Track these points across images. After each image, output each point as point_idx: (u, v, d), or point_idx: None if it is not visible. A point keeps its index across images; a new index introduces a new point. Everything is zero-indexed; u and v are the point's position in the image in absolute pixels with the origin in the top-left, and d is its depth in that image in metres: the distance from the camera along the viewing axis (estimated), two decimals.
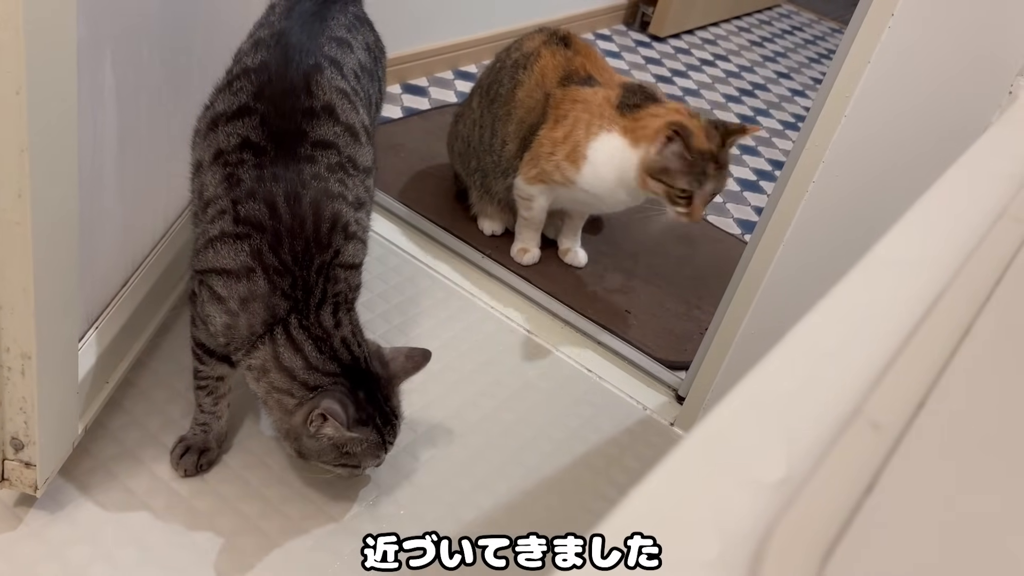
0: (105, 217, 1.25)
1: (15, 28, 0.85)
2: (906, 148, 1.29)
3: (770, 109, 3.16)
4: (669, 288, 2.00)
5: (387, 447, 1.23)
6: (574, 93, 1.77)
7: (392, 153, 2.20)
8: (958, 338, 0.60)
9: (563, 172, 1.75)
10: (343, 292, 1.18)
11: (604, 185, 1.73)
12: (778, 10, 4.27)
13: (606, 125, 1.71)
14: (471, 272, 1.92)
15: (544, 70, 1.82)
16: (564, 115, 1.76)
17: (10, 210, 0.94)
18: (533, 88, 1.81)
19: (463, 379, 1.63)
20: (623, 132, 1.70)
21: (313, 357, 1.14)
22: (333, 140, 1.19)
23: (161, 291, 1.49)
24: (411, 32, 2.54)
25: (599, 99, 1.73)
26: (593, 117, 1.72)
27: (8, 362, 1.05)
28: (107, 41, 1.15)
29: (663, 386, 1.73)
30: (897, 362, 0.55)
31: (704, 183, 1.63)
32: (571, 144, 1.74)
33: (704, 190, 1.64)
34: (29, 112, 0.90)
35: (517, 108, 1.83)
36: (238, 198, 1.12)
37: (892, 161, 1.31)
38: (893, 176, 1.31)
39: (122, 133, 1.24)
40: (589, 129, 1.72)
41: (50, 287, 1.04)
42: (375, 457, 1.23)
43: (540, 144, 1.78)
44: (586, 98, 1.75)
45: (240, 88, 1.18)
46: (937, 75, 1.24)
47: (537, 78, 1.81)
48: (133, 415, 1.37)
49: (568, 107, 1.76)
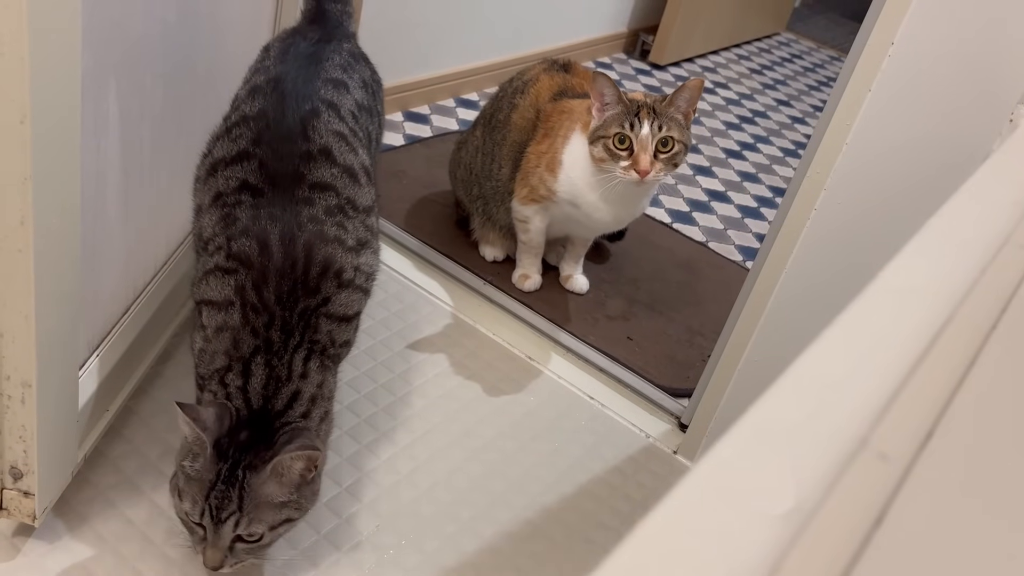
0: (107, 244, 1.25)
1: (20, 57, 0.86)
2: (908, 176, 1.29)
3: (770, 136, 3.17)
4: (671, 315, 2.00)
5: (208, 506, 1.04)
6: (562, 105, 1.78)
7: (394, 180, 2.20)
8: (965, 367, 0.60)
9: (545, 183, 1.76)
10: (322, 343, 1.15)
11: (577, 189, 1.72)
12: (777, 38, 4.30)
13: (578, 127, 1.72)
14: (472, 298, 1.92)
15: (539, 91, 1.83)
16: (551, 128, 1.77)
17: (12, 237, 0.94)
18: (527, 108, 1.83)
19: (464, 407, 1.63)
20: (583, 128, 1.71)
21: (253, 384, 1.10)
22: (331, 182, 1.19)
23: (162, 318, 1.48)
24: (413, 61, 2.56)
25: (584, 107, 1.74)
26: (573, 123, 1.73)
27: (8, 390, 1.04)
28: (111, 70, 1.15)
29: (666, 414, 1.72)
30: (904, 392, 0.54)
31: (639, 126, 1.61)
32: (551, 153, 1.75)
33: (641, 133, 1.61)
34: (33, 140, 0.90)
35: (512, 131, 1.84)
36: (232, 235, 1.13)
37: (894, 189, 1.31)
38: (895, 204, 1.31)
39: (125, 161, 1.25)
40: (566, 136, 1.73)
41: (52, 315, 1.03)
42: (192, 504, 1.06)
43: (527, 159, 1.79)
44: (572, 108, 1.76)
45: (239, 135, 1.20)
46: (937, 103, 1.25)
47: (532, 99, 1.83)
48: (133, 443, 1.37)
49: (556, 119, 1.77)
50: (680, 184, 2.65)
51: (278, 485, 1.06)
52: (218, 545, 1.06)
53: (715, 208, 2.57)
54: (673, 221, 2.43)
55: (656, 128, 1.61)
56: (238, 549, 1.08)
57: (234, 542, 1.07)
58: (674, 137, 1.63)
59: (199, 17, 1.42)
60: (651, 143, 1.61)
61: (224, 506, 1.04)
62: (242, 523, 1.05)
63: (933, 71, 1.23)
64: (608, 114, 1.64)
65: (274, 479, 1.06)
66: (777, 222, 1.44)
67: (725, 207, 2.59)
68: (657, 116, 1.62)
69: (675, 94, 1.63)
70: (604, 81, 1.63)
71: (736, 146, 3.02)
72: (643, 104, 1.62)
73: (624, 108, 1.62)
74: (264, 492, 1.05)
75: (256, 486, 1.05)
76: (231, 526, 1.05)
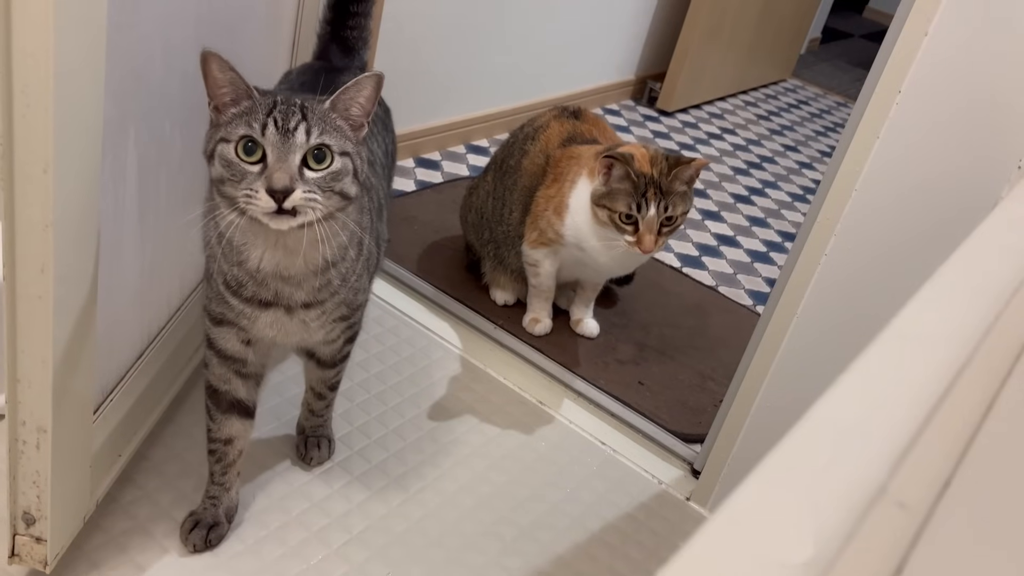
0: (123, 290, 1.27)
1: (45, 108, 0.88)
2: (918, 222, 1.30)
3: (778, 181, 3.19)
4: (682, 359, 2.00)
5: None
6: (572, 151, 1.80)
7: (406, 225, 2.22)
8: (981, 414, 0.60)
9: (553, 227, 1.78)
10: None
11: (582, 234, 1.74)
12: (783, 84, 4.35)
13: (584, 172, 1.74)
14: (483, 343, 1.92)
15: (549, 137, 1.86)
16: (560, 173, 1.79)
17: (33, 284, 0.96)
18: (537, 154, 1.85)
19: (474, 452, 1.62)
20: (590, 174, 1.72)
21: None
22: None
23: (176, 364, 1.49)
24: (425, 108, 2.59)
25: (591, 153, 1.76)
26: (580, 169, 1.75)
27: (24, 436, 1.05)
28: (131, 119, 1.18)
29: (678, 459, 1.71)
30: (921, 439, 0.54)
31: (645, 208, 1.63)
32: (559, 197, 1.76)
33: (647, 215, 1.63)
34: (55, 189, 0.92)
35: (523, 176, 1.86)
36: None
37: (904, 234, 1.31)
38: (906, 249, 1.31)
39: (142, 208, 1.27)
40: (574, 180, 1.75)
41: (68, 361, 1.04)
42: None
43: (536, 204, 1.81)
44: (580, 153, 1.78)
45: None
46: (946, 150, 1.26)
47: (542, 145, 1.86)
48: (145, 489, 1.37)
49: (564, 165, 1.79)
50: (690, 228, 2.66)
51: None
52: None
53: (725, 252, 2.58)
54: (683, 265, 2.44)
55: (662, 209, 1.64)
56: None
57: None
58: (678, 214, 1.66)
59: None
60: (657, 223, 1.64)
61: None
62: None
63: (941, 118, 1.25)
64: (615, 185, 1.65)
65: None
66: (788, 267, 1.45)
67: (735, 251, 2.60)
68: (664, 196, 1.63)
69: (682, 169, 1.64)
70: (614, 163, 1.64)
71: (744, 191, 3.04)
72: (650, 182, 1.63)
73: (632, 185, 1.63)
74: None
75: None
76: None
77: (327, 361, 1.38)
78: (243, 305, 1.15)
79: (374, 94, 1.07)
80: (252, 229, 1.07)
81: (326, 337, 1.27)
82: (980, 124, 1.24)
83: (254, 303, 1.14)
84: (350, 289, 1.20)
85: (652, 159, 1.66)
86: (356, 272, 1.20)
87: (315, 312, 1.18)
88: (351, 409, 1.64)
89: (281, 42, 1.76)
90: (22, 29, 0.84)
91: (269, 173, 1.00)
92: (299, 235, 1.05)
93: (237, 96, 1.05)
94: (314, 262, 1.12)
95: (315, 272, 1.13)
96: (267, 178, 0.99)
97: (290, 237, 1.07)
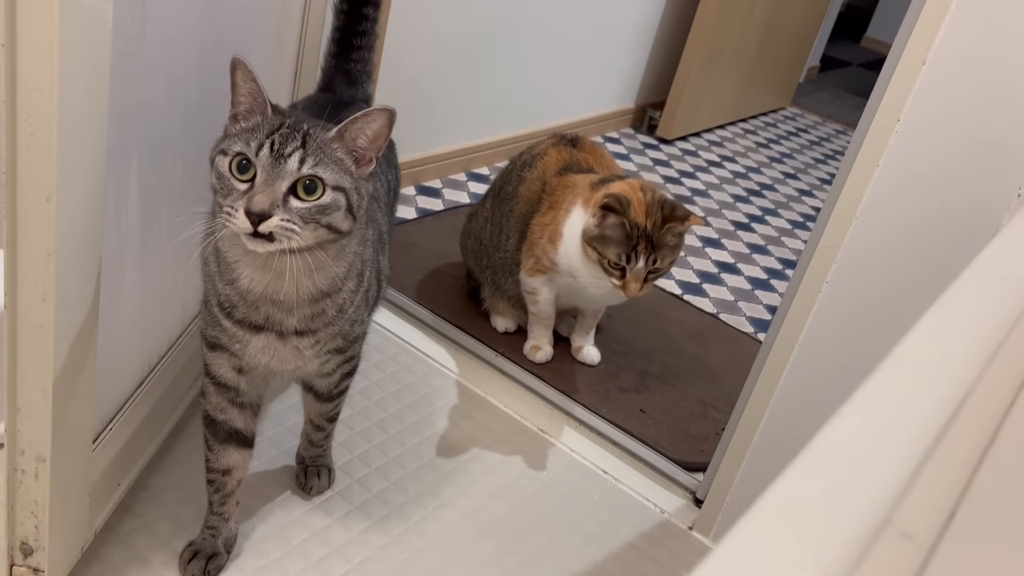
0: (124, 318, 1.26)
1: (49, 137, 0.88)
2: (919, 249, 1.30)
3: (778, 209, 3.20)
4: (684, 387, 1.99)
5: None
6: (567, 179, 1.80)
7: (406, 252, 2.23)
8: (985, 443, 0.60)
9: (548, 255, 1.78)
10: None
11: (575, 264, 1.74)
12: (783, 112, 4.37)
13: (579, 201, 1.74)
14: (483, 370, 1.91)
15: (547, 165, 1.87)
16: (555, 201, 1.79)
17: (34, 313, 0.96)
18: (533, 181, 1.86)
19: (475, 481, 1.61)
20: (584, 204, 1.72)
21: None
22: None
23: (176, 392, 1.49)
24: (426, 136, 2.61)
25: (587, 182, 1.76)
26: (575, 197, 1.75)
27: (22, 465, 1.04)
28: (134, 147, 1.18)
29: (680, 488, 1.70)
30: (925, 469, 0.54)
31: (635, 259, 1.64)
32: (554, 225, 1.77)
33: (635, 266, 1.64)
34: (57, 218, 0.92)
35: (519, 203, 1.86)
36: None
37: (905, 262, 1.31)
38: (907, 277, 1.31)
39: (144, 235, 1.27)
40: (569, 209, 1.75)
41: (68, 389, 1.04)
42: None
43: (532, 231, 1.81)
44: (576, 182, 1.79)
45: None
46: (946, 178, 1.26)
47: (539, 172, 1.86)
48: (144, 519, 1.36)
49: (560, 193, 1.79)
50: (690, 256, 2.67)
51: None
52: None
53: (725, 280, 2.58)
54: (684, 292, 2.44)
55: (651, 261, 1.65)
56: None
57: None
58: (666, 265, 1.68)
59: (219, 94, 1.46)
60: (644, 273, 1.66)
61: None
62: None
63: (940, 146, 1.25)
64: (607, 232, 1.65)
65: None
66: (789, 295, 1.44)
67: (736, 279, 2.60)
68: (654, 249, 1.64)
69: (675, 226, 1.65)
70: (608, 213, 1.64)
71: (745, 218, 3.04)
72: (642, 234, 1.63)
73: (624, 235, 1.64)
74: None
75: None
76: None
77: (324, 394, 1.38)
78: (235, 328, 1.14)
79: (385, 130, 1.06)
80: (241, 247, 1.06)
81: (321, 369, 1.26)
82: (979, 152, 1.24)
83: (246, 326, 1.14)
84: (347, 320, 1.20)
85: (648, 207, 1.65)
86: (354, 304, 1.20)
87: (308, 340, 1.17)
88: (351, 437, 1.63)
89: (284, 74, 1.78)
90: (27, 57, 0.85)
91: (252, 194, 0.99)
92: (285, 260, 1.04)
93: (252, 108, 1.05)
94: (306, 290, 1.11)
95: (308, 300, 1.13)
96: (248, 199, 0.99)
97: (276, 261, 1.06)
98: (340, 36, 1.58)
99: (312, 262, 1.05)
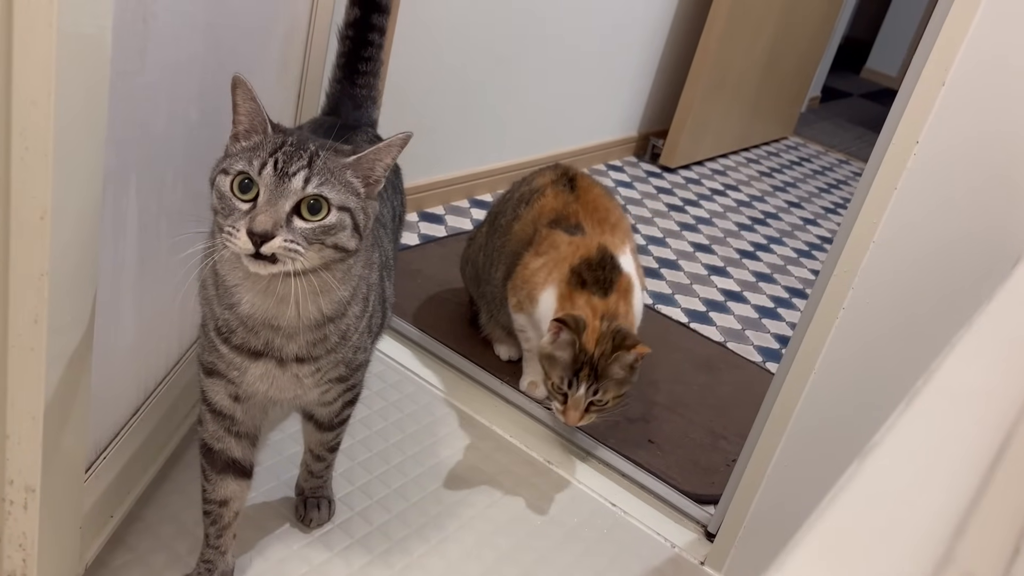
0: (119, 343, 1.22)
1: (44, 154, 0.85)
2: (940, 274, 1.27)
3: (783, 237, 3.17)
4: (692, 417, 1.94)
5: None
6: (554, 236, 1.75)
7: (409, 279, 2.19)
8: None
9: (525, 306, 1.75)
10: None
11: (543, 330, 1.70)
12: (785, 142, 4.36)
13: (554, 282, 1.69)
14: (488, 399, 1.87)
15: (543, 209, 1.81)
16: (542, 253, 1.75)
17: (25, 336, 0.92)
18: (528, 223, 1.81)
19: (480, 514, 1.56)
20: (562, 298, 1.67)
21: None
22: None
23: (172, 420, 1.44)
24: (429, 163, 2.58)
25: (565, 252, 1.71)
26: (554, 267, 1.71)
27: (11, 495, 1.00)
28: (133, 167, 1.15)
29: (691, 521, 1.65)
30: (982, 502, 0.50)
31: (576, 385, 1.60)
32: (533, 283, 1.73)
33: (575, 394, 1.60)
34: (52, 237, 0.89)
35: (511, 240, 1.82)
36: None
37: (926, 286, 1.28)
38: (928, 302, 1.28)
39: (142, 259, 1.23)
40: (547, 277, 1.71)
41: (60, 416, 1.00)
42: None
43: (519, 272, 1.77)
44: (558, 245, 1.74)
45: None
46: (967, 200, 1.23)
47: (535, 214, 1.81)
48: (137, 552, 1.31)
49: (546, 247, 1.75)
50: (696, 284, 2.63)
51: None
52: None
53: (732, 308, 2.55)
54: (690, 321, 2.40)
55: (592, 392, 1.61)
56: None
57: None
58: (608, 399, 1.62)
59: (220, 115, 1.43)
60: (584, 403, 1.61)
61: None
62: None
63: (961, 168, 1.22)
64: (557, 352, 1.61)
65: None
66: (803, 322, 1.41)
67: (742, 307, 2.57)
68: (597, 380, 1.60)
69: (621, 355, 1.59)
70: (563, 328, 1.60)
71: (750, 247, 3.01)
72: (587, 362, 1.59)
73: (572, 357, 1.59)
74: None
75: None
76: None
77: (325, 424, 1.33)
78: (232, 354, 1.10)
79: (399, 152, 1.05)
80: (241, 269, 1.02)
81: (321, 398, 1.22)
82: (1001, 174, 1.21)
83: (244, 352, 1.10)
84: (350, 348, 1.16)
85: (600, 336, 1.60)
86: (358, 330, 1.16)
87: (309, 368, 1.13)
88: (352, 468, 1.58)
89: (287, 97, 1.75)
90: (22, 69, 0.82)
91: (254, 215, 0.96)
92: (289, 283, 1.00)
93: (252, 127, 1.03)
94: (309, 315, 1.07)
95: (310, 326, 1.09)
96: (250, 219, 0.96)
97: (280, 284, 1.02)
98: (345, 62, 1.56)
99: (317, 284, 1.02)
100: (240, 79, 1.01)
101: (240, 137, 1.03)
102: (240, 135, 1.03)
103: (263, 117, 1.02)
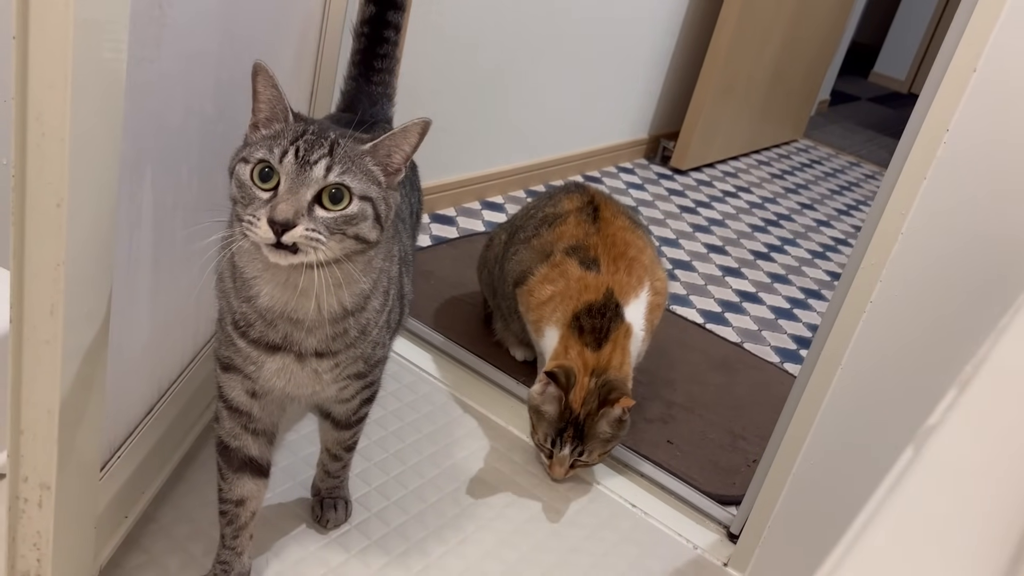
0: (135, 339, 1.20)
1: (61, 139, 0.83)
2: (971, 264, 1.24)
3: (797, 239, 3.15)
4: (711, 417, 1.92)
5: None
6: (568, 265, 1.72)
7: (422, 280, 2.17)
8: None
9: (535, 330, 1.73)
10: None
11: (547, 358, 1.68)
12: (795, 144, 4.34)
13: (557, 324, 1.67)
14: (504, 399, 1.84)
15: (563, 234, 1.78)
16: (554, 279, 1.71)
17: (41, 327, 0.89)
18: (546, 243, 1.78)
19: (498, 515, 1.53)
20: (561, 342, 1.65)
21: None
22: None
23: (188, 418, 1.42)
24: (441, 164, 2.56)
25: (573, 288, 1.68)
26: (560, 303, 1.68)
27: (25, 493, 0.97)
28: (149, 160, 1.13)
29: (713, 523, 1.62)
30: None
31: (560, 446, 1.58)
32: (540, 315, 1.71)
33: (559, 453, 1.58)
34: (68, 225, 0.86)
35: (529, 252, 1.79)
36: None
37: (957, 278, 1.25)
38: (959, 294, 1.25)
39: (157, 253, 1.21)
40: (553, 313, 1.68)
41: (76, 412, 0.97)
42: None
43: (529, 291, 1.74)
44: (569, 280, 1.70)
45: None
46: (999, 188, 1.21)
47: (554, 237, 1.78)
48: (152, 553, 1.28)
49: (558, 274, 1.71)
50: (711, 284, 2.61)
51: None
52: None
53: (748, 309, 2.52)
54: (706, 321, 2.38)
55: (576, 453, 1.58)
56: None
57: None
58: (594, 458, 1.60)
59: (236, 110, 1.41)
60: (568, 460, 1.59)
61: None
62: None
63: (993, 156, 1.20)
64: (545, 407, 1.59)
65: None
66: (828, 317, 1.38)
67: (758, 308, 2.54)
68: (582, 440, 1.57)
69: (607, 411, 1.56)
70: (552, 383, 1.57)
71: (763, 248, 2.99)
72: (572, 421, 1.56)
73: (557, 414, 1.57)
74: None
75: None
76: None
77: (343, 422, 1.31)
78: (250, 348, 1.08)
79: (419, 140, 1.02)
80: (261, 260, 1.00)
81: (339, 394, 1.20)
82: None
83: (261, 346, 1.08)
84: (369, 342, 1.13)
85: (587, 395, 1.57)
86: (378, 325, 1.14)
87: (328, 363, 1.11)
88: (368, 468, 1.56)
89: (301, 93, 1.74)
90: (39, 52, 0.80)
91: (275, 203, 0.94)
92: (310, 275, 0.98)
93: (273, 116, 1.01)
94: (330, 308, 1.05)
95: (331, 319, 1.06)
96: (271, 207, 0.94)
97: (300, 276, 1.00)
98: (361, 59, 1.54)
99: (340, 275, 0.99)
100: (261, 65, 0.99)
101: (260, 125, 1.01)
102: (260, 123, 1.01)
103: (284, 105, 1.00)
